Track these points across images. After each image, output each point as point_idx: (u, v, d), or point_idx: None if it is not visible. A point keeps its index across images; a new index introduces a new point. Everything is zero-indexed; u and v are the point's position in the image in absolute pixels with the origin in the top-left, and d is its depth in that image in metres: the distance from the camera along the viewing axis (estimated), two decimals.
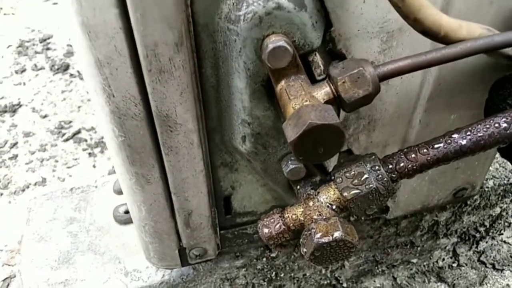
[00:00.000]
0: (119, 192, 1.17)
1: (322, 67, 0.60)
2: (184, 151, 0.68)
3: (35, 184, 1.58)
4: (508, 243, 1.37)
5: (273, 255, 1.07)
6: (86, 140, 1.73)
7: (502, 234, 1.36)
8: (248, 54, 0.57)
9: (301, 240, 0.63)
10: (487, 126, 0.61)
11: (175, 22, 0.53)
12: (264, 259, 1.07)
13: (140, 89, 0.59)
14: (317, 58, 0.59)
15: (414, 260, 1.29)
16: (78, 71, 1.98)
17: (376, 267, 1.26)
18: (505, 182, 1.19)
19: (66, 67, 2.00)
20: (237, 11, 0.55)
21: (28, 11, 2.30)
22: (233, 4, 0.55)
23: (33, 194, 1.53)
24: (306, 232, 0.62)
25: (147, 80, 0.58)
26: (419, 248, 1.25)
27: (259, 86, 0.62)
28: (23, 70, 1.99)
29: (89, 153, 1.69)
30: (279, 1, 0.53)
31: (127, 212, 1.11)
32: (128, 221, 1.12)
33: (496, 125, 0.61)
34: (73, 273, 1.03)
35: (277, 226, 0.68)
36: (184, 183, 0.73)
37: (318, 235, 0.60)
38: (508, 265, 1.34)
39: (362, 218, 1.03)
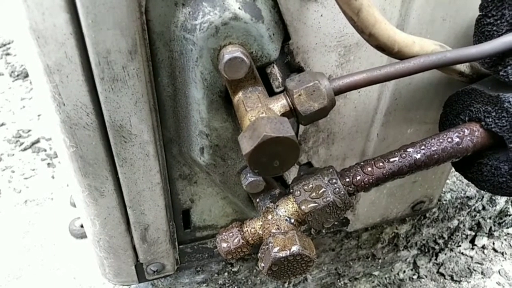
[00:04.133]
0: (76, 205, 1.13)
1: (280, 79, 0.59)
2: (140, 163, 0.66)
3: None
4: (466, 254, 1.40)
5: (235, 269, 1.05)
6: (45, 150, 1.66)
7: (460, 246, 1.39)
8: (204, 64, 0.56)
9: (259, 254, 0.62)
10: (441, 140, 0.62)
11: (128, 29, 0.52)
12: (226, 273, 1.05)
13: (92, 98, 0.57)
14: (275, 70, 0.59)
15: (376, 273, 1.30)
16: None
17: (338, 280, 1.26)
18: (462, 195, 1.22)
19: (27, 74, 1.93)
20: (193, 20, 0.54)
21: None
22: (189, 13, 0.54)
23: None
24: (264, 247, 0.61)
25: (99, 88, 0.56)
26: (380, 261, 1.26)
27: (217, 97, 0.61)
28: None
29: (48, 163, 1.62)
30: (235, 12, 0.53)
31: (83, 225, 1.07)
32: (85, 235, 1.08)
33: (449, 139, 0.63)
34: None
35: (236, 240, 0.67)
36: (140, 196, 0.71)
37: (276, 250, 0.59)
38: (466, 277, 1.37)
39: (323, 231, 1.03)
